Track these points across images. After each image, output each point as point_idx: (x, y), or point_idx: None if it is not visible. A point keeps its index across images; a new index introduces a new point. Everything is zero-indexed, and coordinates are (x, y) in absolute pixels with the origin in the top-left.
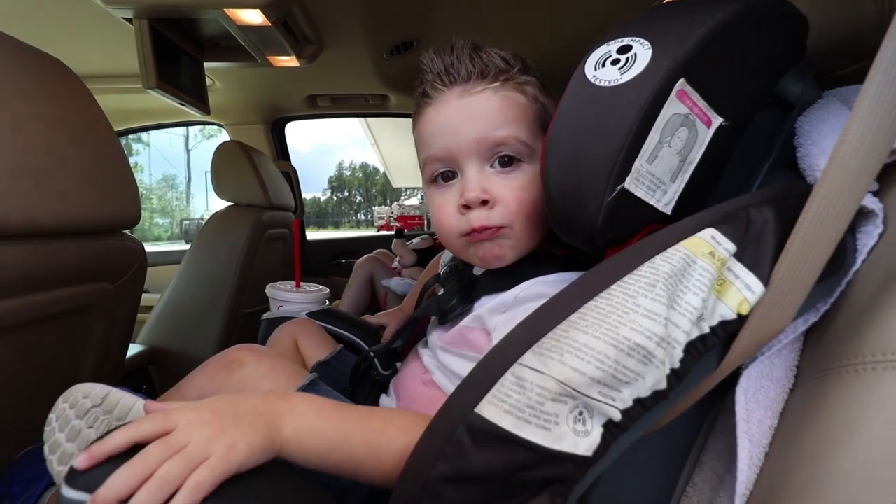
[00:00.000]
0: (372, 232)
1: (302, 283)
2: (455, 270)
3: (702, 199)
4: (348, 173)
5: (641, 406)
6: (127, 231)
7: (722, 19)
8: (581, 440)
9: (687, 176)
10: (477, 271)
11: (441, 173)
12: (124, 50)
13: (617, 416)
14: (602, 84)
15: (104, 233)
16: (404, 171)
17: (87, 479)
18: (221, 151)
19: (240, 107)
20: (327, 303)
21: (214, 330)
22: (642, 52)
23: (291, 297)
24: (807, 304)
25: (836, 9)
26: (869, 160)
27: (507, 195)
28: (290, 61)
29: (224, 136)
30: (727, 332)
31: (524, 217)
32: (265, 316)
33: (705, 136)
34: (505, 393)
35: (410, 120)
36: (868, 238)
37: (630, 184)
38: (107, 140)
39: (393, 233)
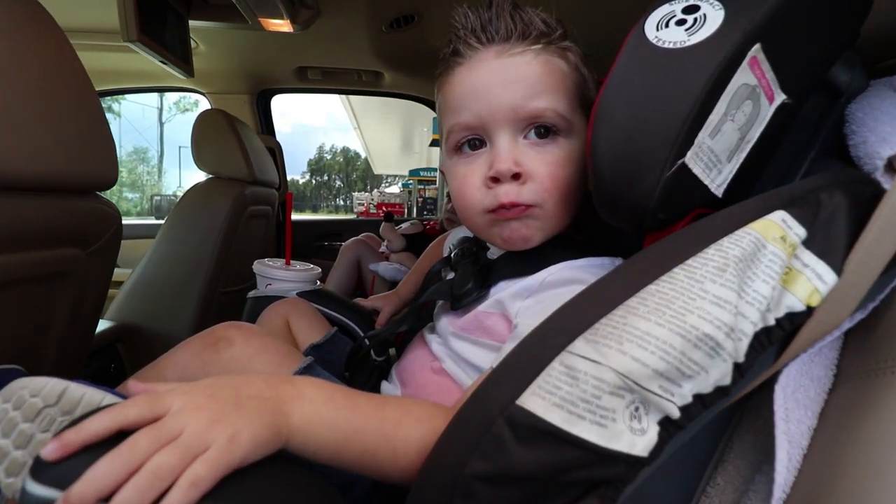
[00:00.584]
0: (353, 217)
1: (292, 262)
2: (468, 253)
3: (748, 187)
4: (329, 157)
5: (701, 403)
6: (101, 194)
7: None
8: (638, 439)
9: (742, 156)
10: (492, 254)
11: (468, 140)
12: (97, 5)
13: (675, 413)
14: (666, 46)
15: (77, 192)
16: (386, 157)
17: (58, 472)
18: (203, 120)
19: (224, 74)
20: (318, 283)
21: (190, 308)
22: (713, 12)
23: (281, 275)
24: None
25: None
26: None
27: (541, 170)
28: (282, 26)
29: (202, 109)
30: (793, 325)
31: (557, 196)
32: (251, 294)
33: (767, 112)
34: (553, 384)
35: (398, 101)
36: None
37: (690, 159)
38: (85, 93)
39: (381, 217)
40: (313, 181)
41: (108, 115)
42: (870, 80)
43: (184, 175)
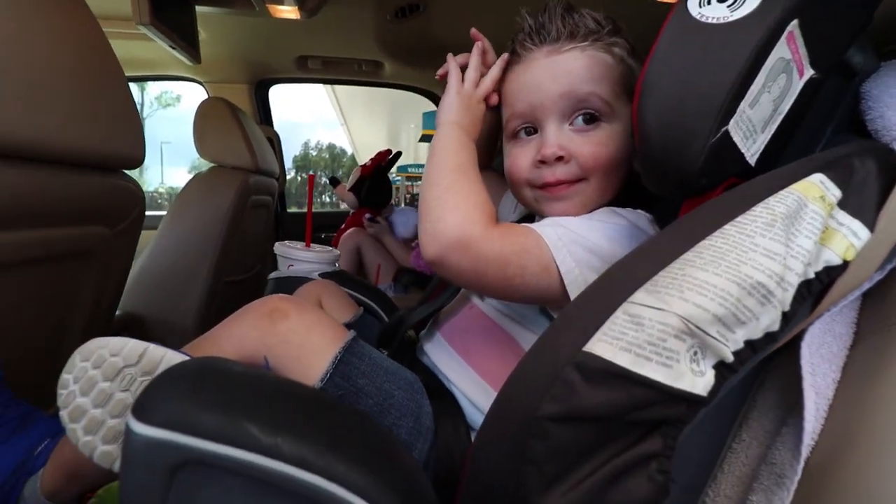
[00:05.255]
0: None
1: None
2: None
3: (775, 158)
4: (314, 153)
5: (751, 348)
6: (127, 172)
7: None
8: (698, 380)
9: (774, 127)
10: None
11: (523, 128)
12: None
13: (729, 357)
14: (710, 21)
15: (107, 170)
16: (373, 153)
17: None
18: (205, 108)
19: (224, 63)
20: (336, 265)
21: (194, 298)
22: None
23: (303, 256)
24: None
25: None
26: None
27: (584, 150)
28: (290, 12)
29: (184, 104)
30: (829, 278)
31: (601, 172)
32: (273, 275)
33: (798, 86)
34: (619, 331)
35: (385, 97)
36: None
37: (732, 127)
38: (115, 73)
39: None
40: (299, 178)
41: None
42: (879, 62)
43: (166, 172)
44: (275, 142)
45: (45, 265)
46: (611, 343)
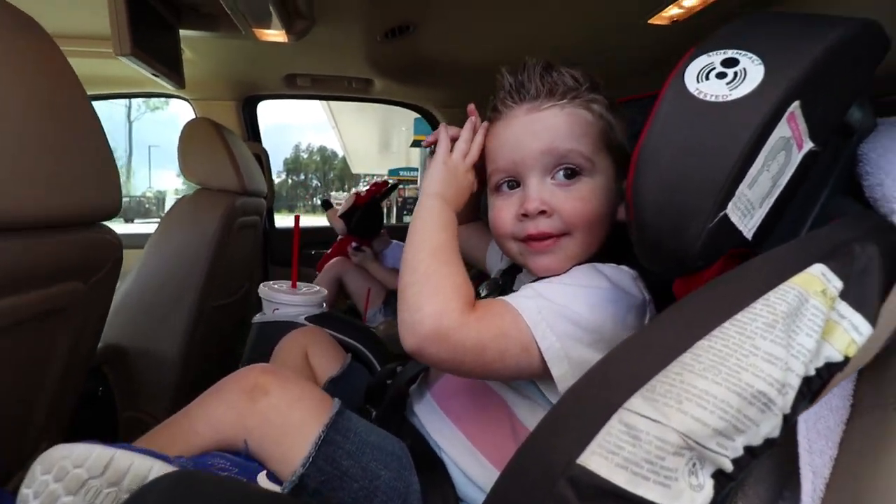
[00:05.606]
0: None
1: (297, 284)
2: (495, 285)
3: (772, 226)
4: (305, 156)
5: (751, 454)
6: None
7: (842, 36)
8: (696, 495)
9: (772, 201)
10: (517, 286)
11: (506, 181)
12: (80, 8)
13: (728, 467)
14: (708, 99)
15: (82, 225)
16: (364, 156)
17: None
18: (191, 129)
19: (210, 81)
20: (324, 305)
21: (180, 325)
22: (752, 67)
23: (288, 300)
24: None
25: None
26: None
27: (566, 206)
28: (277, 36)
29: (172, 107)
30: (830, 373)
31: (584, 227)
32: (256, 319)
33: (796, 160)
34: (615, 444)
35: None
36: None
37: (730, 209)
38: (85, 115)
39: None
40: (289, 180)
41: None
42: (876, 116)
43: (154, 175)
44: (262, 158)
45: (15, 332)
46: (606, 458)
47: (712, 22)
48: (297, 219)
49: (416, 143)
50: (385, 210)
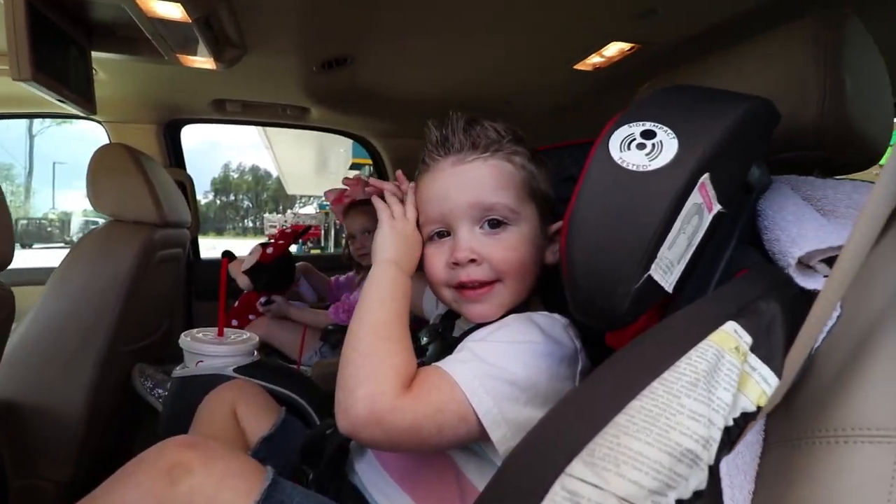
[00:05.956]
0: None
1: (225, 331)
2: (435, 332)
3: (688, 276)
4: (236, 175)
5: None
6: None
7: (742, 114)
8: None
9: (688, 257)
10: (458, 331)
11: (437, 232)
12: None
13: None
14: (631, 168)
15: None
16: (301, 177)
17: None
18: (102, 157)
19: (127, 103)
20: (255, 353)
21: (85, 376)
22: (667, 139)
23: (215, 350)
24: None
25: (787, 107)
26: (854, 271)
27: (495, 255)
28: (205, 63)
29: (83, 121)
30: (746, 422)
31: (513, 274)
32: (178, 373)
33: (707, 221)
34: None
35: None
36: (829, 321)
37: (653, 270)
38: None
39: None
40: (217, 201)
41: None
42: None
43: (59, 195)
44: (187, 185)
45: None
46: None
47: (628, 70)
48: (224, 262)
49: (354, 167)
50: (322, 231)
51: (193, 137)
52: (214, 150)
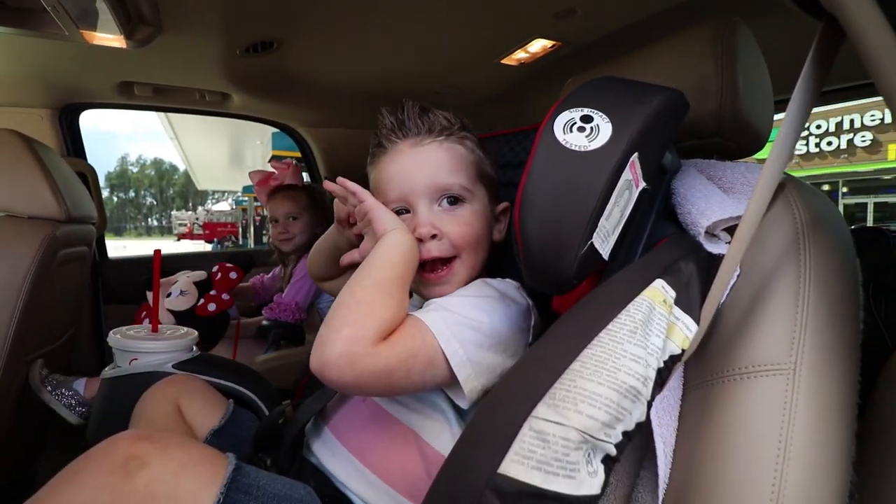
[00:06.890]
0: (172, 241)
1: (160, 327)
2: None
3: (618, 245)
4: (135, 170)
5: (627, 437)
6: None
7: (661, 102)
8: (594, 480)
9: (620, 227)
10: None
11: (397, 211)
12: None
13: (613, 451)
14: (573, 148)
15: None
16: (213, 171)
17: None
18: None
19: (16, 83)
20: (194, 349)
21: None
22: (603, 124)
23: (150, 346)
24: None
25: (691, 100)
26: (750, 237)
27: (454, 230)
28: (113, 41)
29: None
30: (673, 363)
31: (469, 248)
32: (108, 373)
33: (635, 195)
34: (528, 449)
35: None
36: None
37: (595, 238)
38: None
39: (208, 239)
40: (115, 198)
41: None
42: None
43: None
44: (89, 176)
45: None
46: (523, 463)
47: (551, 65)
48: (157, 253)
49: (274, 158)
50: (240, 229)
51: (86, 126)
52: (110, 140)
